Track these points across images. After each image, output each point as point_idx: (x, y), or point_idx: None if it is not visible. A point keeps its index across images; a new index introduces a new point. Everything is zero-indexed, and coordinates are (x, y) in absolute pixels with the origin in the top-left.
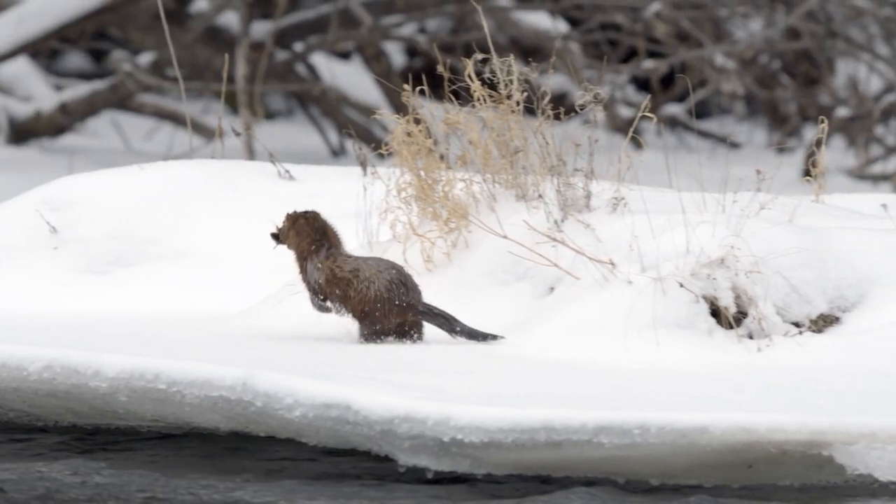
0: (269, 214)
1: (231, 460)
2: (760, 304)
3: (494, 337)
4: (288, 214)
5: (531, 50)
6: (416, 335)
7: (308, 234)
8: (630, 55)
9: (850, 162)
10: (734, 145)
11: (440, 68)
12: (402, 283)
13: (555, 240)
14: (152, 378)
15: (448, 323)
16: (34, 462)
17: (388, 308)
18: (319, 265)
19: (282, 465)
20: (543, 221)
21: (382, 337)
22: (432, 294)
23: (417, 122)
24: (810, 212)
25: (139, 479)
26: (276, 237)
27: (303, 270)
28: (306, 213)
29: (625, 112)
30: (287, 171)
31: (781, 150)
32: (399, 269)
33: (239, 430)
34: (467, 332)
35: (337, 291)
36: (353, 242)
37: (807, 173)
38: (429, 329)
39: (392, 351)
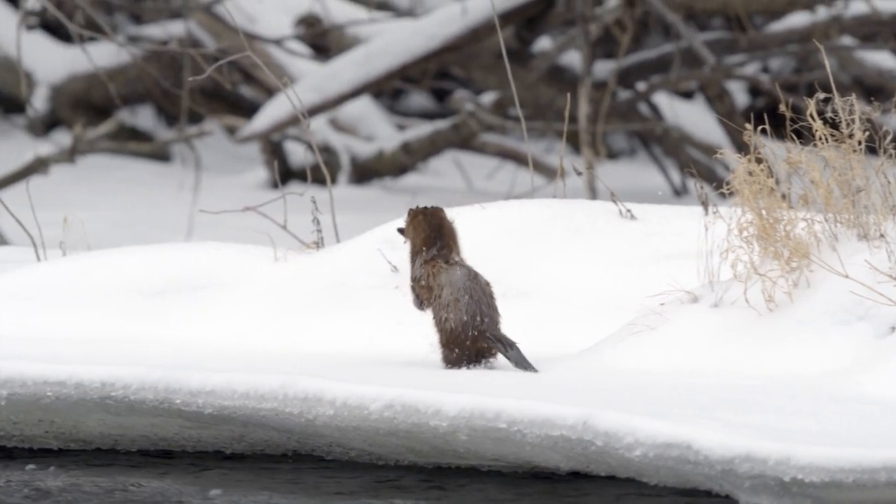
0: (610, 253)
1: (572, 500)
2: None
3: (533, 368)
4: (409, 210)
5: (874, 89)
6: (489, 359)
7: (423, 231)
8: None
9: None
10: None
11: (782, 107)
12: (477, 314)
13: None
14: (493, 417)
15: (504, 348)
16: (375, 501)
17: (462, 338)
18: (421, 264)
19: None
20: (885, 261)
21: (465, 363)
22: (772, 334)
23: (759, 161)
24: None
25: None
26: (403, 232)
27: (412, 266)
28: (426, 209)
29: None
30: (629, 211)
31: None
32: (475, 296)
33: (579, 469)
34: (514, 359)
35: (425, 296)
36: (694, 282)
37: None
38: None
39: (729, 388)
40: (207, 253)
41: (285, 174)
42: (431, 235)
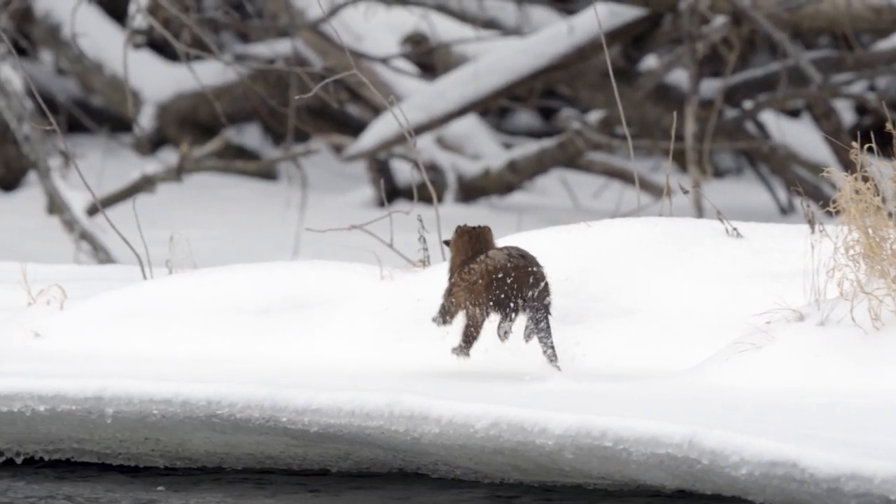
0: (716, 272)
1: None
2: None
3: (553, 360)
4: (457, 227)
5: None
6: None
7: (464, 253)
8: None
9: None
10: None
11: (889, 126)
12: (521, 257)
13: None
14: (598, 435)
15: (537, 314)
16: None
17: (507, 271)
18: (458, 277)
19: None
20: None
21: (510, 300)
22: (878, 353)
23: (866, 179)
24: None
25: None
26: (448, 244)
27: (448, 281)
28: (474, 229)
29: None
30: (734, 229)
31: None
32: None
33: (685, 487)
34: (543, 338)
35: (460, 297)
36: (800, 300)
37: None
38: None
39: (834, 407)
40: (313, 271)
41: (391, 192)
42: (473, 258)
